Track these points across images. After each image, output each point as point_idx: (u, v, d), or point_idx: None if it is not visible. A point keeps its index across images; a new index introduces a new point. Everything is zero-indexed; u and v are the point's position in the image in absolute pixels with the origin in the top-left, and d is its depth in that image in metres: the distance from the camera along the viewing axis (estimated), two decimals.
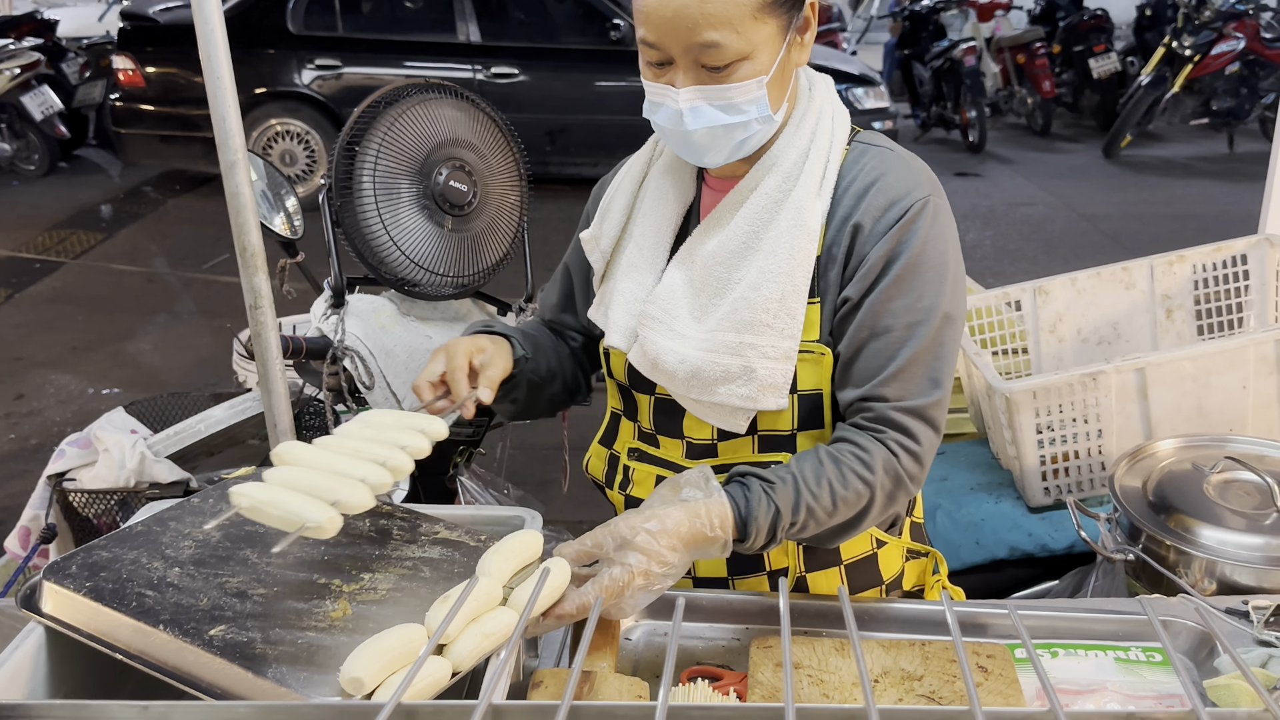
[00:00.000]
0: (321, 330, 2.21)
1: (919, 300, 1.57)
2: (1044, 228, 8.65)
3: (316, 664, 1.24)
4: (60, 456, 2.45)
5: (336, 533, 1.34)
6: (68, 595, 1.37)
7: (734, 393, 1.62)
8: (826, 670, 1.55)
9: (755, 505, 1.52)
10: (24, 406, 5.84)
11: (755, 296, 1.60)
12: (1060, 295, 2.68)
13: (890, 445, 1.56)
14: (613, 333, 1.74)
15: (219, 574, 1.41)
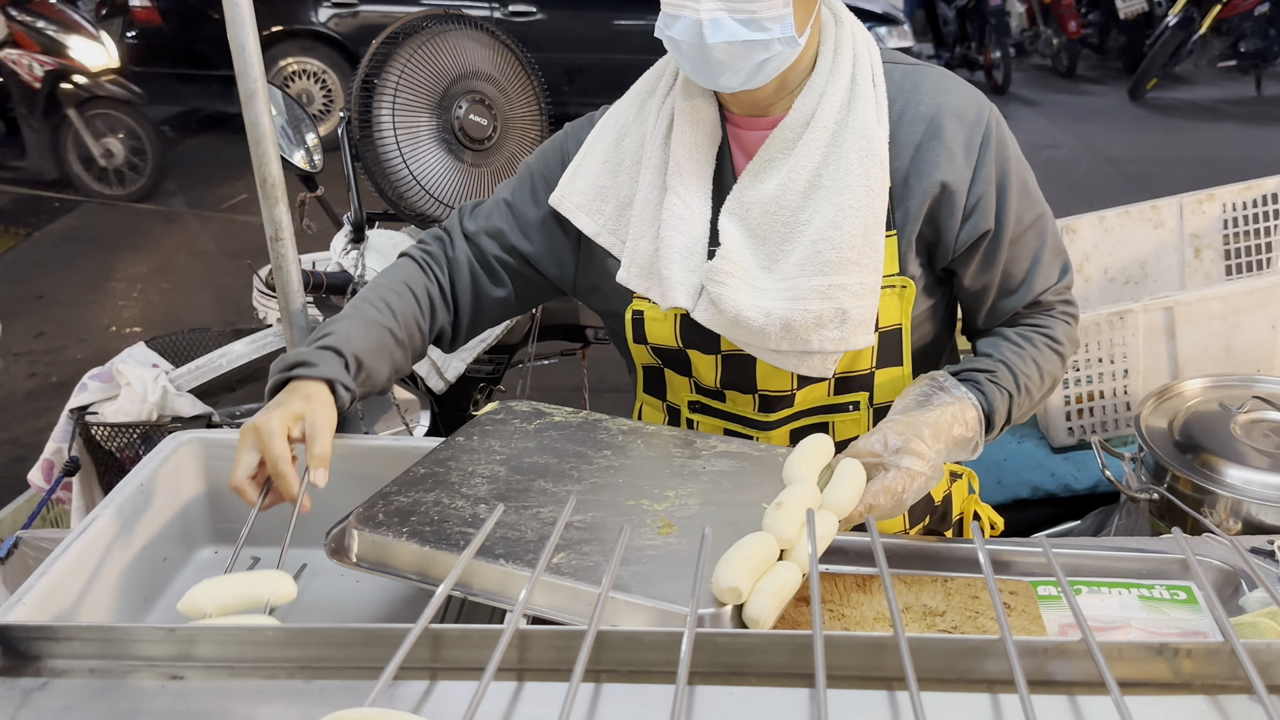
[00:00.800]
0: (341, 265, 2.20)
1: (1032, 203, 1.65)
2: (1068, 171, 8.55)
3: (674, 578, 1.21)
4: (82, 390, 2.46)
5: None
6: (386, 541, 1.33)
7: (827, 337, 1.56)
8: (848, 605, 1.55)
9: (993, 398, 1.60)
10: (44, 344, 5.88)
11: (838, 235, 1.53)
12: (1088, 234, 2.65)
13: (1060, 316, 1.69)
14: (675, 293, 1.60)
15: (526, 506, 1.39)
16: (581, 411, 1.66)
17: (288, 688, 0.92)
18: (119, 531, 1.47)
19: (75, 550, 1.42)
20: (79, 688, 0.93)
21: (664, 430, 1.62)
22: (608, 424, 1.62)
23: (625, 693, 0.93)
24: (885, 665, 0.93)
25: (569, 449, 1.54)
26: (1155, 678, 0.93)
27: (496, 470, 1.49)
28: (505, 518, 1.35)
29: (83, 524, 1.43)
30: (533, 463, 1.51)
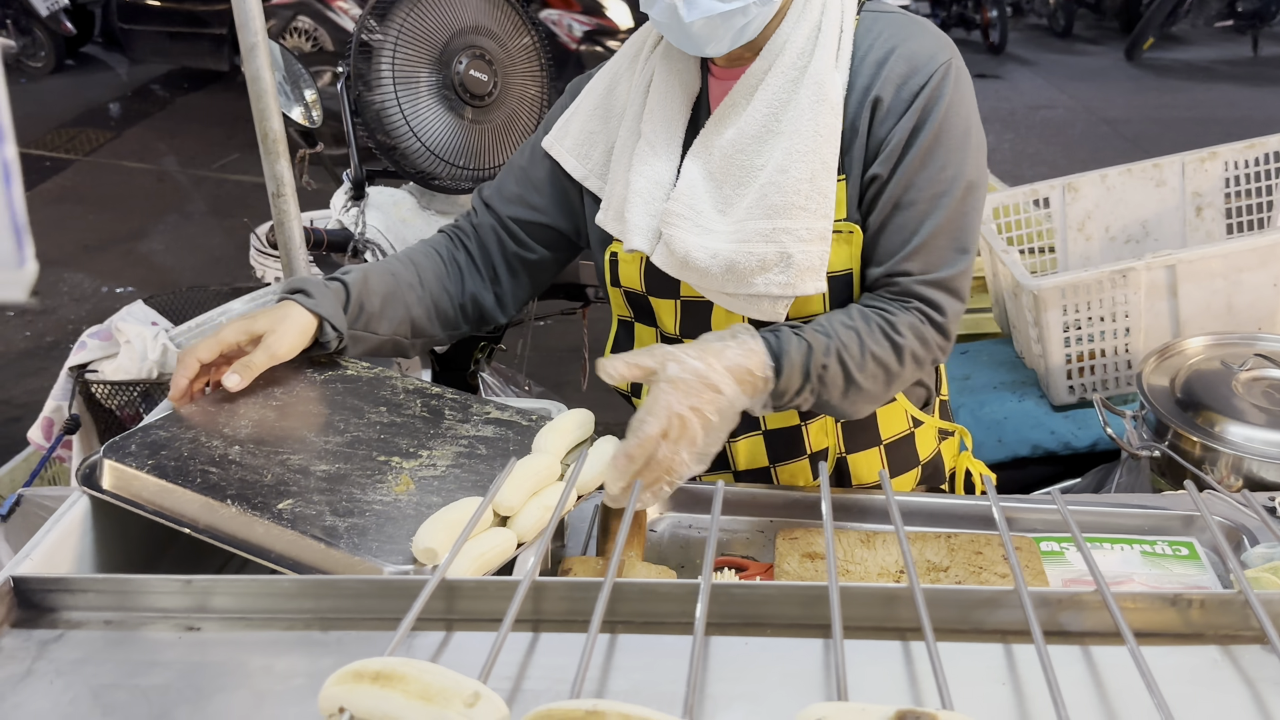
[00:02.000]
0: (342, 223, 2.18)
1: (943, 171, 1.54)
2: (1064, 131, 8.53)
3: (386, 535, 1.26)
4: (82, 348, 2.44)
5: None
6: (130, 473, 1.38)
7: (772, 281, 1.57)
8: (852, 561, 1.55)
9: (786, 343, 1.49)
10: (39, 304, 5.85)
11: (784, 179, 1.55)
12: (1090, 192, 2.64)
13: (916, 313, 1.55)
14: (634, 235, 1.66)
15: (279, 451, 1.42)
16: (377, 368, 1.69)
17: (304, 638, 0.93)
18: None
19: (80, 507, 1.42)
20: (95, 639, 0.94)
21: (448, 392, 1.64)
22: (395, 381, 1.65)
23: (641, 643, 0.93)
24: (899, 616, 0.94)
25: (346, 402, 1.58)
26: (1168, 628, 0.93)
27: (266, 415, 1.52)
28: (251, 461, 1.39)
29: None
30: (304, 411, 1.54)
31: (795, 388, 1.49)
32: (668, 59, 1.69)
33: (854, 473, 1.80)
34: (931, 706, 0.86)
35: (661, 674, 0.90)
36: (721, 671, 0.90)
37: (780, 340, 1.49)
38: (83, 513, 1.44)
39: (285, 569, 1.26)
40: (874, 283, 1.60)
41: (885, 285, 1.58)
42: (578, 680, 0.80)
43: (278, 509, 1.31)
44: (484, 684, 0.77)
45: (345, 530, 1.28)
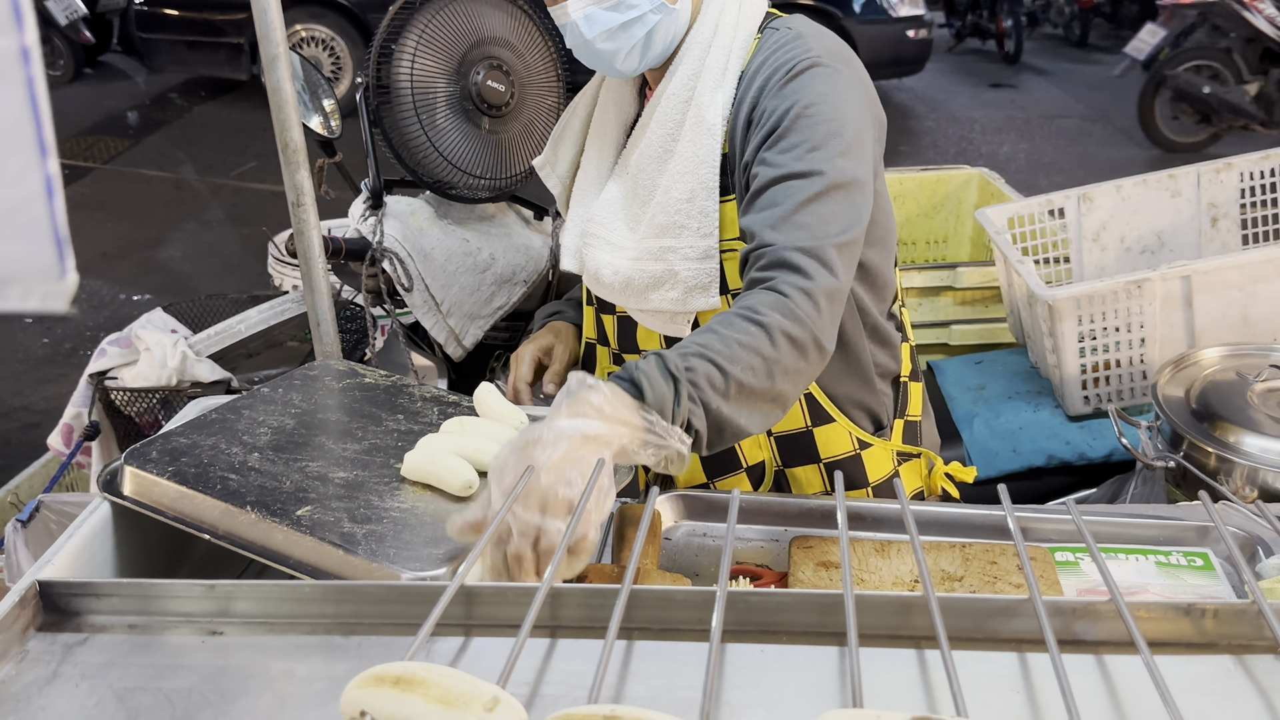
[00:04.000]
0: (360, 232, 2.20)
1: (808, 150, 1.49)
2: (1079, 140, 8.51)
3: (403, 542, 1.28)
4: (101, 355, 2.47)
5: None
6: (151, 479, 1.41)
7: (665, 297, 1.63)
8: (867, 570, 1.56)
9: (637, 363, 1.34)
10: None
11: (667, 200, 1.61)
12: (1105, 203, 2.64)
13: (778, 288, 1.42)
14: (565, 255, 1.80)
15: (298, 459, 1.45)
16: (394, 376, 1.73)
17: (325, 643, 0.94)
18: None
19: (102, 513, 1.44)
20: (119, 643, 0.95)
21: (464, 400, 1.67)
22: (413, 390, 1.69)
23: (657, 649, 0.94)
24: (914, 624, 0.94)
25: (364, 409, 1.62)
26: (1182, 637, 0.94)
27: (285, 423, 1.56)
28: (270, 468, 1.43)
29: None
30: (323, 419, 1.58)
31: (668, 396, 1.30)
32: (609, 83, 1.78)
33: (795, 487, 1.81)
34: (946, 714, 0.86)
35: (678, 680, 0.91)
36: (737, 678, 0.91)
37: (628, 366, 1.35)
38: (104, 518, 1.47)
39: (304, 575, 1.28)
40: (743, 261, 1.52)
41: (754, 264, 1.48)
42: (595, 686, 0.81)
43: (296, 515, 1.33)
44: (503, 689, 0.79)
45: (363, 537, 1.30)
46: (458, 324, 2.27)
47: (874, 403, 1.78)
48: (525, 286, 2.39)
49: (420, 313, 2.23)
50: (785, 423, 1.73)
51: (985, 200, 3.23)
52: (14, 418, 4.86)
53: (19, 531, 2.16)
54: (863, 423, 1.78)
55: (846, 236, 1.48)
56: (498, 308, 2.36)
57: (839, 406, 1.75)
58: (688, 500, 1.77)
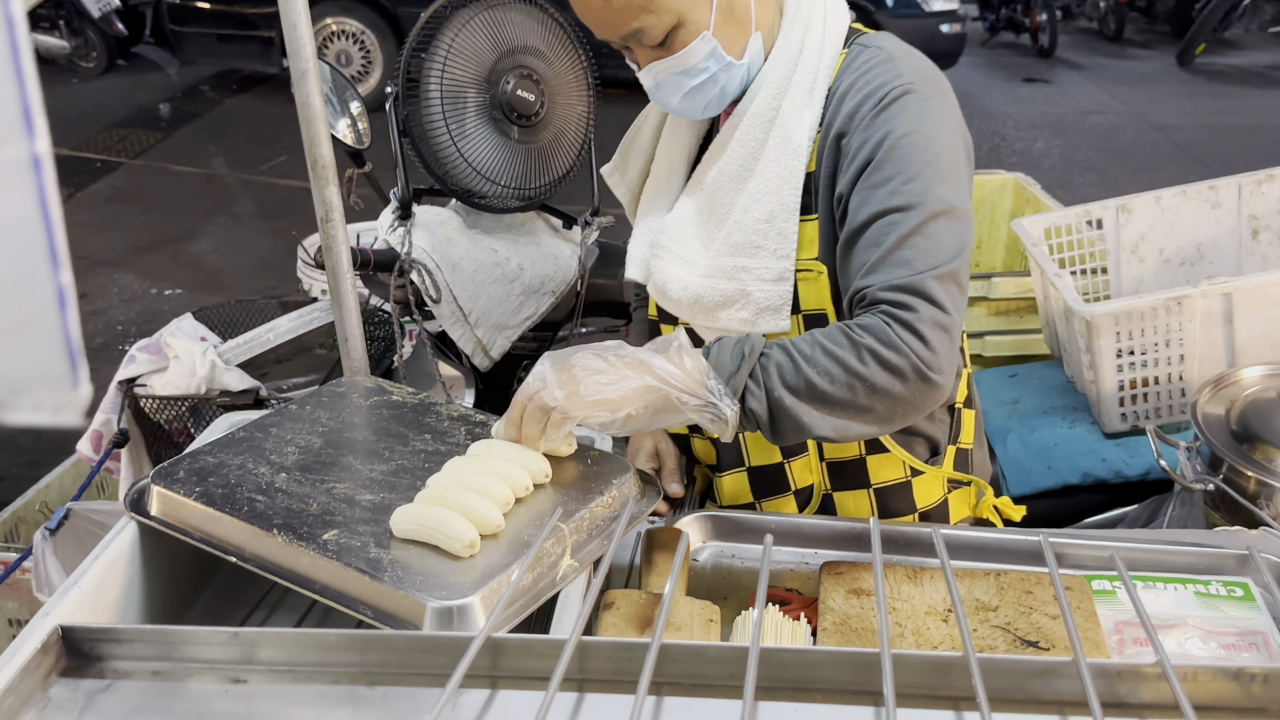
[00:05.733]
0: (388, 242, 2.18)
1: (904, 184, 1.47)
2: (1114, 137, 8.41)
3: (429, 570, 1.26)
4: (131, 362, 2.46)
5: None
6: (178, 499, 1.41)
7: (734, 317, 1.62)
8: (898, 598, 1.53)
9: (721, 341, 1.47)
10: (88, 306, 5.92)
11: (745, 219, 1.59)
12: (1144, 214, 2.59)
13: (879, 315, 1.43)
14: (631, 264, 1.78)
15: (325, 479, 1.44)
16: (422, 394, 1.71)
17: (350, 693, 0.92)
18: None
19: (129, 533, 1.44)
20: (142, 689, 0.94)
21: (492, 419, 1.63)
22: (440, 409, 1.67)
23: (688, 706, 0.92)
24: (953, 684, 0.92)
25: (391, 428, 1.60)
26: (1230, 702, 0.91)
27: (312, 441, 1.55)
28: (297, 489, 1.42)
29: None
30: (350, 438, 1.57)
31: (728, 366, 1.42)
32: None
33: (842, 512, 1.79)
34: None
35: None
36: None
37: (717, 341, 1.48)
38: (131, 539, 1.47)
39: (330, 600, 1.27)
40: (847, 307, 1.54)
41: (854, 305, 1.50)
42: None
43: (323, 540, 1.32)
44: None
45: (389, 563, 1.28)
46: (485, 335, 2.25)
47: (931, 430, 1.76)
48: (554, 297, 2.37)
49: (448, 324, 2.22)
50: (840, 449, 1.73)
51: (1020, 206, 3.18)
52: None
53: (47, 540, 2.17)
54: (918, 450, 1.75)
55: (948, 267, 1.46)
56: (526, 318, 2.35)
57: (895, 435, 1.72)
58: (716, 521, 1.74)
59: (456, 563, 1.30)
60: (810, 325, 1.61)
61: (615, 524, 1.47)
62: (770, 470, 1.77)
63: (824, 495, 1.77)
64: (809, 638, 1.46)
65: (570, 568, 1.38)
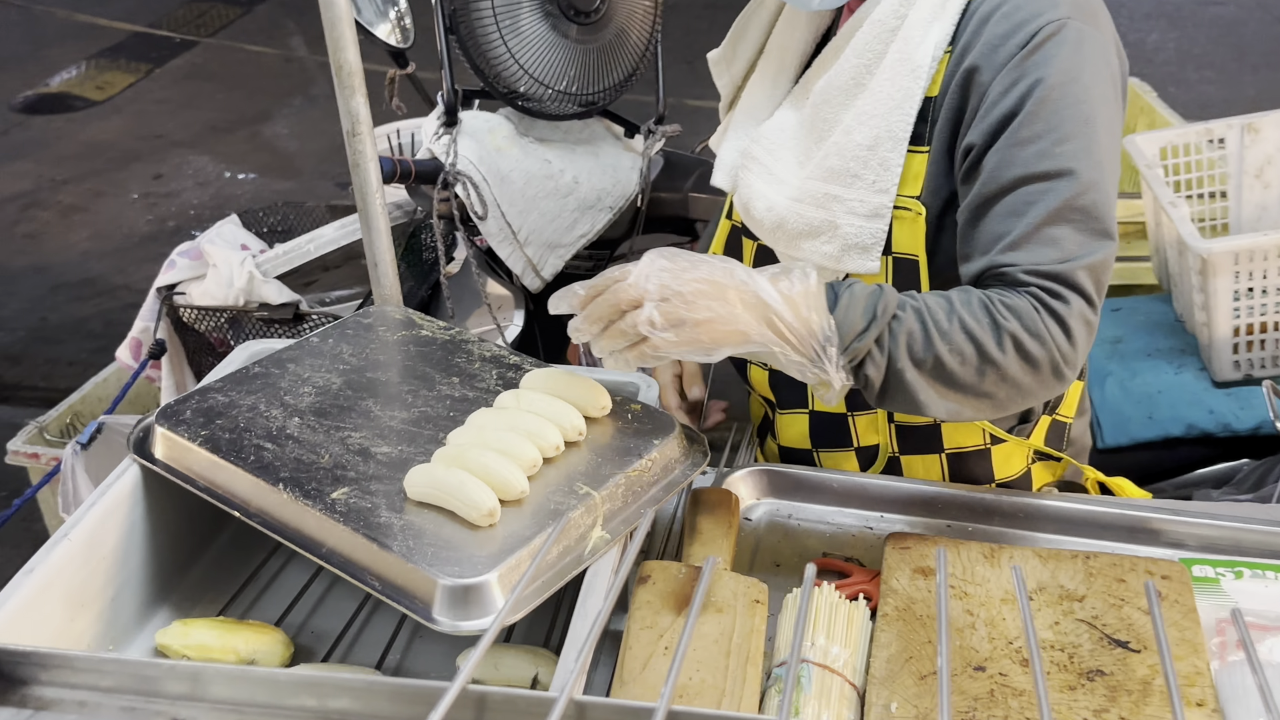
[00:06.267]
0: (432, 151, 2.03)
1: (1055, 144, 1.29)
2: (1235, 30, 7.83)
3: (443, 540, 1.16)
4: (170, 268, 2.37)
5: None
6: (183, 444, 1.33)
7: (817, 250, 1.46)
8: (972, 581, 1.38)
9: (853, 282, 1.30)
10: (163, 187, 5.86)
11: (846, 142, 1.41)
12: (1272, 134, 2.31)
13: (1030, 298, 1.29)
14: (718, 171, 1.63)
15: (340, 427, 1.35)
16: (454, 328, 1.59)
17: None
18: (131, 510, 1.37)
19: (132, 475, 1.35)
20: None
21: (526, 362, 1.51)
22: (471, 347, 1.54)
23: None
24: None
25: (417, 369, 1.49)
26: None
27: (331, 381, 1.44)
28: (310, 437, 1.32)
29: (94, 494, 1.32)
30: (372, 378, 1.46)
31: (856, 327, 1.25)
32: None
33: (908, 473, 1.63)
34: None
35: None
36: None
37: (848, 281, 1.31)
38: (134, 482, 1.37)
39: (335, 567, 1.19)
40: (975, 278, 1.36)
41: (991, 281, 1.34)
42: None
43: (331, 499, 1.23)
44: None
45: (400, 530, 1.18)
46: (536, 254, 2.11)
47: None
48: (611, 213, 2.21)
49: (495, 241, 2.08)
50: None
51: (1134, 116, 2.90)
52: (116, 295, 4.86)
53: (79, 455, 2.09)
54: (1006, 418, 1.58)
55: (1102, 253, 1.30)
56: (580, 235, 2.20)
57: None
58: (771, 476, 1.61)
59: (474, 533, 1.19)
60: (901, 271, 1.45)
61: (653, 490, 1.34)
62: (834, 419, 1.61)
63: (890, 458, 1.62)
64: (868, 621, 1.32)
65: (601, 540, 1.26)
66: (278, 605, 1.40)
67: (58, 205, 5.67)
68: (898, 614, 1.32)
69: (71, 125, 6.57)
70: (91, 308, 4.78)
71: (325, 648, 1.34)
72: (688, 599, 1.30)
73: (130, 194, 5.78)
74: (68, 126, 6.56)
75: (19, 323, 4.68)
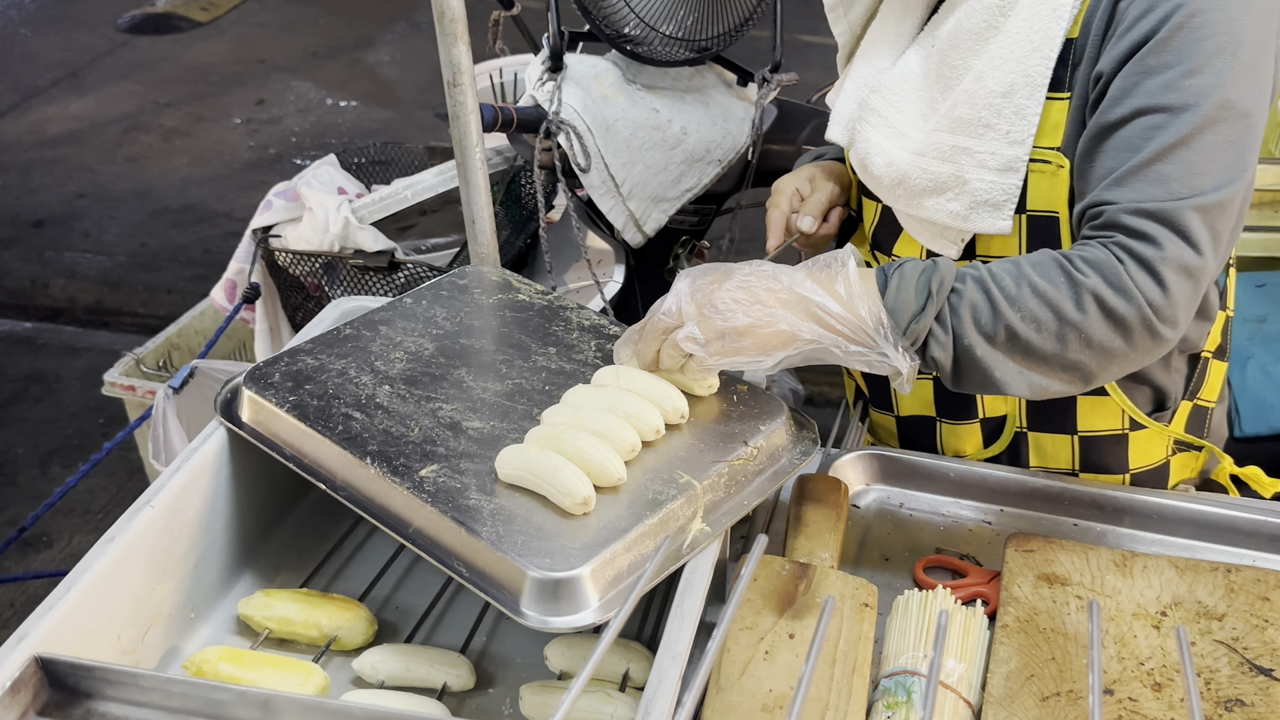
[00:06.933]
0: (535, 99, 1.95)
1: (1183, 76, 1.18)
2: None
3: (535, 528, 1.12)
4: (267, 209, 2.34)
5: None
6: (270, 409, 1.30)
7: (943, 208, 1.37)
8: (1101, 592, 1.29)
9: (902, 262, 1.23)
10: (265, 113, 5.89)
11: (978, 89, 1.32)
12: None
13: (1114, 250, 1.18)
14: (834, 124, 1.54)
15: (432, 397, 1.31)
16: (551, 293, 1.54)
17: None
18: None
19: (218, 439, 1.33)
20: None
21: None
22: (570, 314, 1.49)
23: None
24: None
25: (513, 336, 1.44)
26: None
27: (424, 347, 1.41)
28: (400, 407, 1.29)
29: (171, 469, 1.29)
30: (466, 345, 1.42)
31: (910, 307, 1.18)
32: None
33: (1035, 455, 1.54)
34: None
35: None
36: None
37: (895, 261, 1.24)
38: (219, 445, 1.35)
39: (422, 550, 1.16)
40: (1077, 220, 1.26)
41: (1089, 221, 1.23)
42: None
43: (420, 476, 1.18)
44: None
45: (490, 515, 1.14)
46: (639, 207, 2.03)
47: (1164, 379, 1.47)
48: (720, 166, 2.13)
49: (597, 194, 2.01)
50: None
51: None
52: (215, 223, 4.91)
53: (170, 399, 2.09)
54: (1141, 400, 1.47)
55: (1217, 195, 1.18)
56: (686, 190, 2.12)
57: (1120, 379, 1.44)
58: (883, 462, 1.54)
59: (568, 521, 1.14)
60: (1037, 230, 1.35)
61: (758, 480, 1.26)
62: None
63: (1017, 433, 1.53)
64: (985, 630, 1.23)
65: (701, 534, 1.18)
66: (362, 579, 1.37)
67: (160, 129, 5.74)
68: (1019, 625, 1.24)
69: (176, 47, 6.64)
70: (191, 235, 4.84)
71: (409, 626, 1.31)
72: (791, 598, 1.25)
73: (232, 119, 5.82)
74: (172, 48, 6.62)
75: (119, 248, 4.76)
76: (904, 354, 1.18)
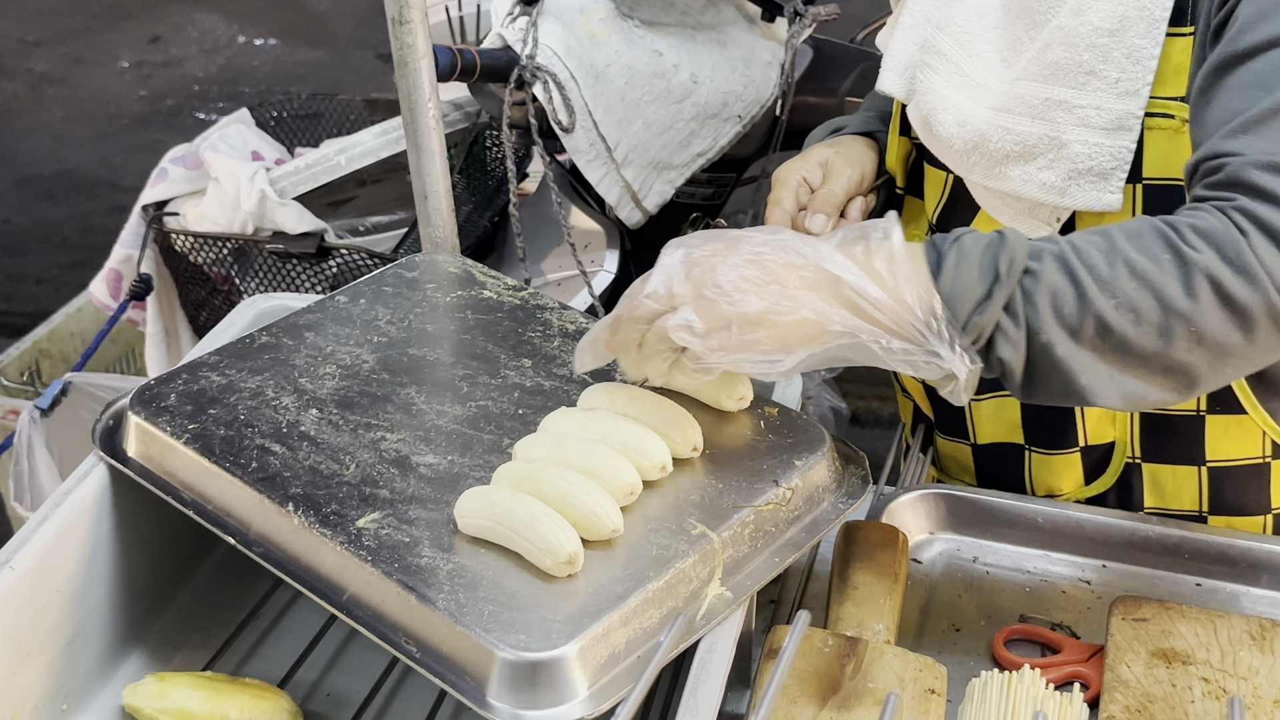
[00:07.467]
0: (504, 39, 1.96)
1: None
2: None
3: (506, 592, 1.12)
4: (162, 179, 2.36)
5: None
6: (164, 441, 1.30)
7: (1032, 179, 1.38)
8: (1232, 672, 1.31)
9: (959, 233, 1.19)
10: (160, 53, 5.91)
11: (1077, 26, 1.33)
12: None
13: (1233, 215, 1.14)
14: (886, 70, 1.54)
15: (372, 425, 1.32)
16: (525, 290, 1.56)
17: None
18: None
19: (97, 478, 1.34)
20: None
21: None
22: (550, 315, 1.51)
23: None
24: None
25: (476, 345, 1.46)
26: None
27: (362, 357, 1.42)
28: (332, 438, 1.30)
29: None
30: (416, 357, 1.44)
31: (973, 294, 1.14)
32: None
33: (1153, 491, 1.54)
34: None
35: None
36: None
37: (953, 233, 1.20)
38: (99, 487, 1.36)
39: (359, 623, 1.16)
40: (1189, 176, 1.24)
41: (1204, 177, 1.21)
42: None
43: (357, 528, 1.18)
44: None
45: (447, 577, 1.14)
46: (637, 177, 2.07)
47: None
48: (740, 124, 2.17)
49: (584, 160, 2.04)
50: None
51: None
52: (100, 195, 4.92)
53: (37, 423, 2.09)
54: None
55: None
56: (697, 154, 2.16)
57: (1260, 392, 1.45)
58: (950, 503, 1.56)
59: (548, 585, 1.14)
60: (1155, 204, 1.36)
61: (791, 530, 1.27)
62: (1052, 408, 1.52)
63: (1128, 464, 1.54)
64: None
65: (720, 600, 1.19)
66: (283, 659, 1.37)
67: (27, 74, 5.76)
68: (1128, 716, 1.24)
69: None
70: (66, 210, 4.85)
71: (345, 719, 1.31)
72: (836, 683, 1.26)
73: (119, 62, 5.84)
74: None
75: None
76: (962, 354, 1.14)
